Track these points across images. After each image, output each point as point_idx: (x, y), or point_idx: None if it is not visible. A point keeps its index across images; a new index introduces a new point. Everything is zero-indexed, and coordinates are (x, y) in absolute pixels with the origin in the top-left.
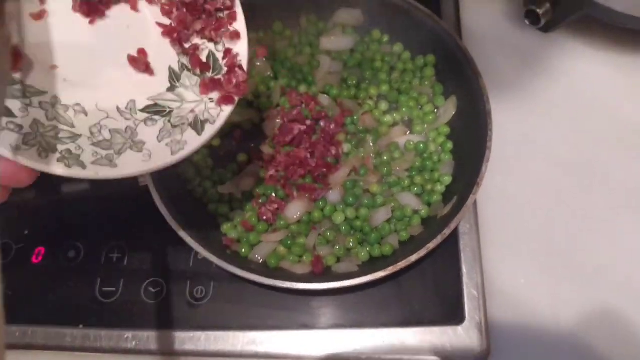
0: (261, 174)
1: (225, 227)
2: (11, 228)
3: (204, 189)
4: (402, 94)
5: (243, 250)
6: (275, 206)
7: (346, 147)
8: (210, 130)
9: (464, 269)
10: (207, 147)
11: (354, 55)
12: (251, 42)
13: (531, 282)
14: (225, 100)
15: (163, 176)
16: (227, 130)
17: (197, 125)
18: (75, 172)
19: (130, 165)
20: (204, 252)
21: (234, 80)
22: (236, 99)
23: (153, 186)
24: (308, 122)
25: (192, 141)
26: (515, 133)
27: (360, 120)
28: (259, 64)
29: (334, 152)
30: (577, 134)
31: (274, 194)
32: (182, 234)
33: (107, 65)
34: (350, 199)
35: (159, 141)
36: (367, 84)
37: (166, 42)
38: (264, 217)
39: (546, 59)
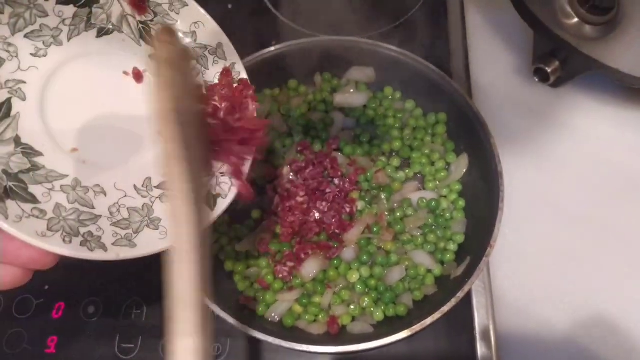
0: (277, 230)
1: (242, 285)
2: (32, 283)
3: (221, 245)
4: (414, 150)
5: (260, 309)
6: (292, 264)
7: (360, 205)
8: (222, 205)
9: (477, 329)
10: None
11: (366, 112)
12: (267, 99)
13: (546, 342)
14: (235, 173)
15: None
16: None
17: (210, 200)
18: (98, 255)
19: (148, 243)
20: (221, 313)
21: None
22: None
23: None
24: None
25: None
26: (525, 189)
27: (373, 178)
28: (274, 121)
29: (348, 209)
30: (587, 190)
31: (288, 251)
32: None
33: (125, 144)
34: (365, 257)
35: None
36: (379, 141)
37: None
38: (280, 275)
39: (555, 114)
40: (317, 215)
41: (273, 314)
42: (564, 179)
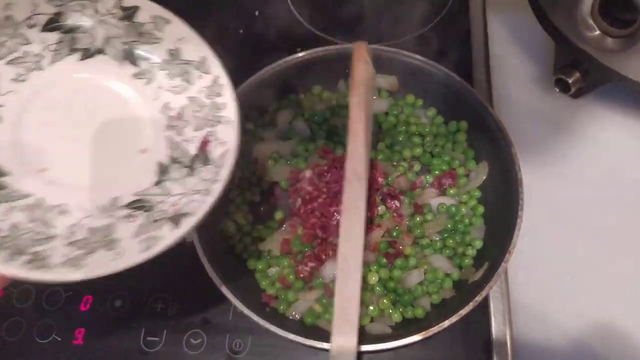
0: (299, 231)
1: (264, 284)
2: None
3: (244, 244)
4: (434, 157)
5: (281, 307)
6: (313, 264)
7: (381, 209)
8: (188, 224)
9: (494, 334)
10: (248, 203)
11: (388, 118)
12: (291, 104)
13: (561, 350)
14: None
15: (207, 233)
16: (267, 188)
17: (177, 219)
18: (37, 276)
19: (96, 266)
20: (244, 309)
21: None
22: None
23: (198, 242)
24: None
25: (168, 236)
26: (544, 198)
27: (394, 182)
28: (298, 125)
29: (369, 213)
30: (605, 201)
31: (310, 251)
32: (224, 289)
33: (96, 164)
34: (384, 260)
35: (135, 237)
36: (400, 147)
37: (160, 137)
38: (301, 275)
39: (576, 125)
40: (338, 217)
41: (294, 313)
42: (583, 189)
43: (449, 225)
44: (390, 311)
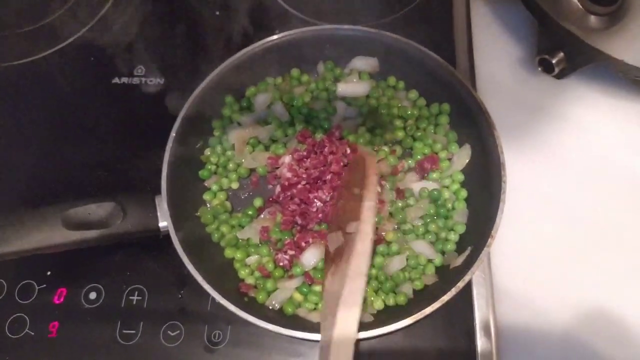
0: (278, 218)
1: (243, 273)
2: (34, 268)
3: (222, 233)
4: (416, 140)
5: (260, 296)
6: (292, 252)
7: None
8: None
9: (477, 320)
10: (226, 190)
11: (369, 101)
12: (269, 87)
13: (544, 334)
14: None
15: (183, 222)
16: (245, 175)
17: None
18: None
19: None
20: (221, 300)
21: None
22: None
23: (174, 232)
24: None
25: None
26: (527, 182)
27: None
28: (276, 109)
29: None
30: (588, 184)
31: (289, 239)
32: (200, 280)
33: None
34: None
35: None
36: (382, 130)
37: None
38: (281, 263)
39: (559, 106)
40: (318, 204)
41: (273, 302)
42: (566, 171)
43: (431, 210)
44: (372, 299)
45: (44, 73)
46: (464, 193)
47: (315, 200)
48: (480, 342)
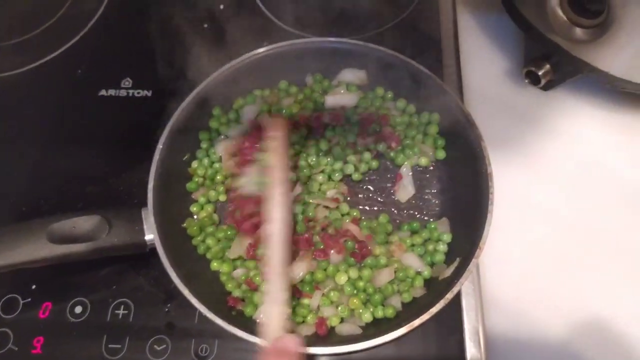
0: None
1: (230, 286)
2: (18, 282)
3: (207, 246)
4: (405, 148)
5: (248, 309)
6: None
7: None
8: None
9: (467, 331)
10: (213, 202)
11: (357, 111)
12: (257, 99)
13: (535, 344)
14: None
15: (170, 235)
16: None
17: None
18: None
19: None
20: (208, 314)
21: None
22: None
23: (160, 245)
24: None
25: None
26: (515, 192)
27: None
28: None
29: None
30: (576, 194)
31: None
32: (187, 294)
33: None
34: (352, 260)
35: None
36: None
37: None
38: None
39: (546, 117)
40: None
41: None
42: (554, 182)
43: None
44: (361, 311)
45: (29, 85)
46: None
47: None
48: (470, 353)
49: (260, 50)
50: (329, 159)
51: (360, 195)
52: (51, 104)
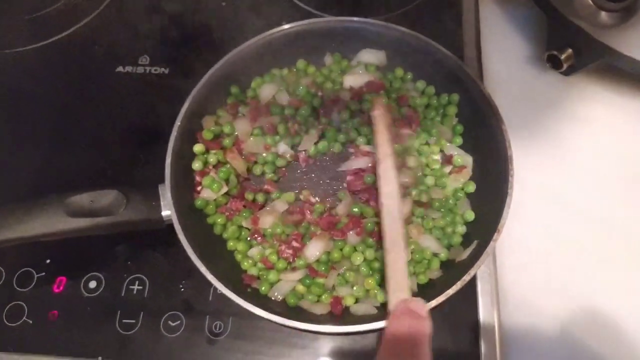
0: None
1: (246, 264)
2: (33, 256)
3: (223, 224)
4: (423, 132)
5: (263, 288)
6: (296, 245)
7: None
8: None
9: (482, 315)
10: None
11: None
12: (275, 79)
13: (548, 333)
14: None
15: (186, 210)
16: (250, 166)
17: None
18: None
19: None
20: (225, 290)
21: None
22: None
23: (177, 221)
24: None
25: None
26: (534, 178)
27: None
28: (282, 101)
29: None
30: (596, 182)
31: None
32: (203, 270)
33: None
34: (370, 240)
35: None
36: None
37: None
38: (284, 256)
39: (567, 102)
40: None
41: (276, 294)
42: (574, 169)
43: (437, 204)
44: (376, 292)
45: (48, 60)
46: (472, 187)
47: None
48: (484, 338)
49: (279, 29)
50: None
51: None
52: (68, 79)
